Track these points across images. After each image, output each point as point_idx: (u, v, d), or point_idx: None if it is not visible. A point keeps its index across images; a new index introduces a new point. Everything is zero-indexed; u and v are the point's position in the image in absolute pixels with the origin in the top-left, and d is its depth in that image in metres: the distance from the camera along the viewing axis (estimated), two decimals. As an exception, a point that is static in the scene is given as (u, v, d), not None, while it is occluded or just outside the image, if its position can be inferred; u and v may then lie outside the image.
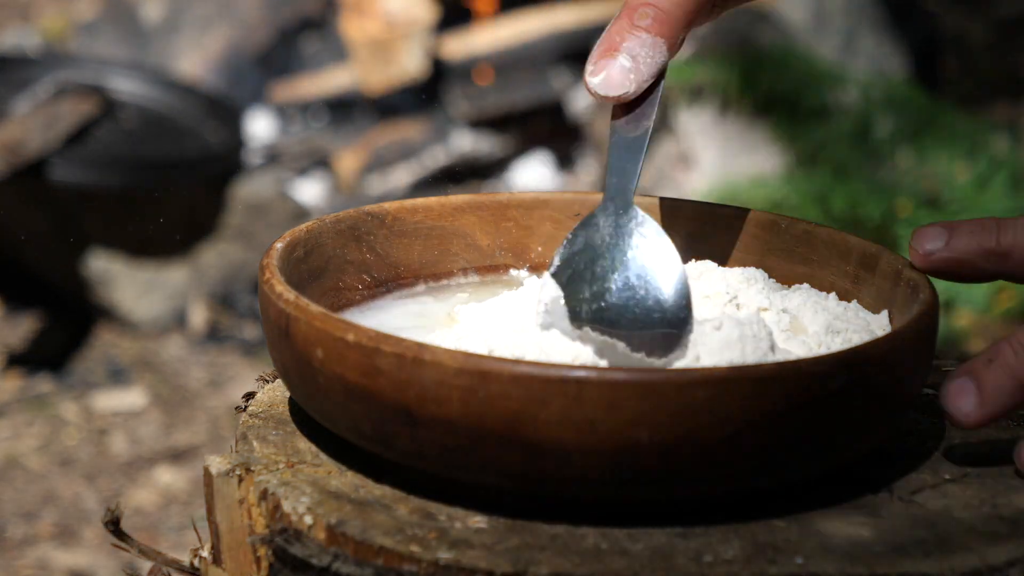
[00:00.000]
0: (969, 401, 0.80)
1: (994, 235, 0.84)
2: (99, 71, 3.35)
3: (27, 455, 2.71)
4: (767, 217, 0.95)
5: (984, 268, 0.84)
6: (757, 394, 0.73)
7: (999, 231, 0.84)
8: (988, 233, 0.84)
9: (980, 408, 0.80)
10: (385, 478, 0.79)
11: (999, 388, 0.80)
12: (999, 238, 0.84)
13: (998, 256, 0.84)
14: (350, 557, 0.73)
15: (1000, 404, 0.80)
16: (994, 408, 0.80)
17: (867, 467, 0.81)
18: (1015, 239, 0.84)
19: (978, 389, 0.80)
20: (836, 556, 0.73)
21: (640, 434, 0.72)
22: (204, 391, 2.93)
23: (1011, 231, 0.84)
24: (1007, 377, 0.80)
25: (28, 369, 2.97)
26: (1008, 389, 0.80)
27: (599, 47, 0.86)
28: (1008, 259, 0.84)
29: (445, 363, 0.73)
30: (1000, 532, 0.76)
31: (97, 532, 2.46)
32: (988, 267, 0.84)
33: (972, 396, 0.80)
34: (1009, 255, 0.84)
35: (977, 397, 0.80)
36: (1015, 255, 0.84)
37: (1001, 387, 0.80)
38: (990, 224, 0.84)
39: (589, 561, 0.72)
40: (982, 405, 0.80)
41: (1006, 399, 0.80)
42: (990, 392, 0.80)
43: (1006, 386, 0.80)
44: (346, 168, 3.56)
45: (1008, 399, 0.80)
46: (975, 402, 0.80)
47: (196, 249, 3.18)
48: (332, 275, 0.90)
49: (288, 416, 0.85)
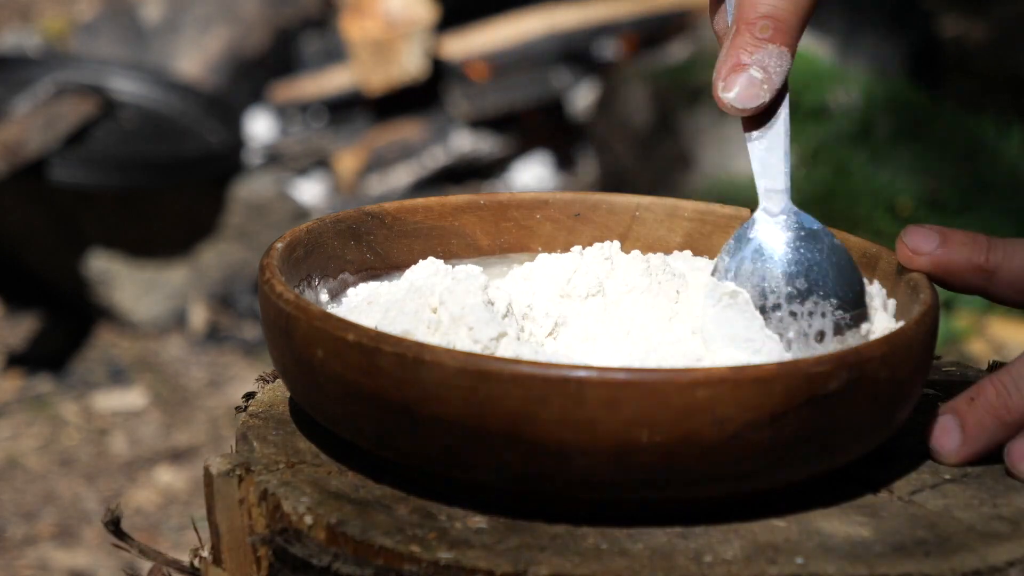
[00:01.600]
0: (953, 440, 0.82)
1: (984, 251, 0.85)
2: (99, 71, 3.35)
3: (27, 455, 2.71)
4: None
5: (968, 281, 0.86)
6: (757, 394, 0.73)
7: (989, 249, 0.85)
8: (979, 248, 0.85)
9: (963, 447, 0.82)
10: (385, 478, 0.79)
11: (981, 427, 0.82)
12: (988, 255, 0.85)
13: (984, 273, 0.85)
14: (350, 557, 0.73)
15: (982, 443, 0.82)
16: (976, 447, 0.82)
17: (867, 467, 0.81)
18: (1003, 260, 0.85)
19: (961, 428, 0.82)
20: (836, 556, 0.73)
21: (640, 434, 0.72)
22: (204, 391, 2.93)
23: (1000, 251, 0.85)
24: (989, 417, 0.82)
25: (28, 369, 2.97)
26: (990, 428, 0.82)
27: (725, 63, 0.86)
28: (992, 278, 0.85)
29: (445, 363, 0.73)
30: (1000, 532, 0.76)
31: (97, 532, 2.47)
32: (972, 281, 0.86)
33: (955, 435, 0.82)
34: (994, 275, 0.85)
35: (960, 436, 0.82)
36: (999, 276, 0.85)
37: (983, 427, 0.82)
38: (981, 240, 0.86)
39: (589, 561, 0.72)
40: (965, 444, 0.82)
41: (988, 438, 0.82)
42: (972, 431, 0.82)
43: (988, 425, 0.82)
44: (346, 168, 3.56)
45: (990, 438, 0.82)
46: (958, 441, 0.82)
47: (196, 249, 3.18)
48: (332, 275, 0.90)
49: (288, 416, 0.85)
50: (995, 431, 0.82)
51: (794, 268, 0.85)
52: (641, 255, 0.90)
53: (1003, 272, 0.85)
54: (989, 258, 0.85)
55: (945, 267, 0.85)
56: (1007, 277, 0.85)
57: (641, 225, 0.96)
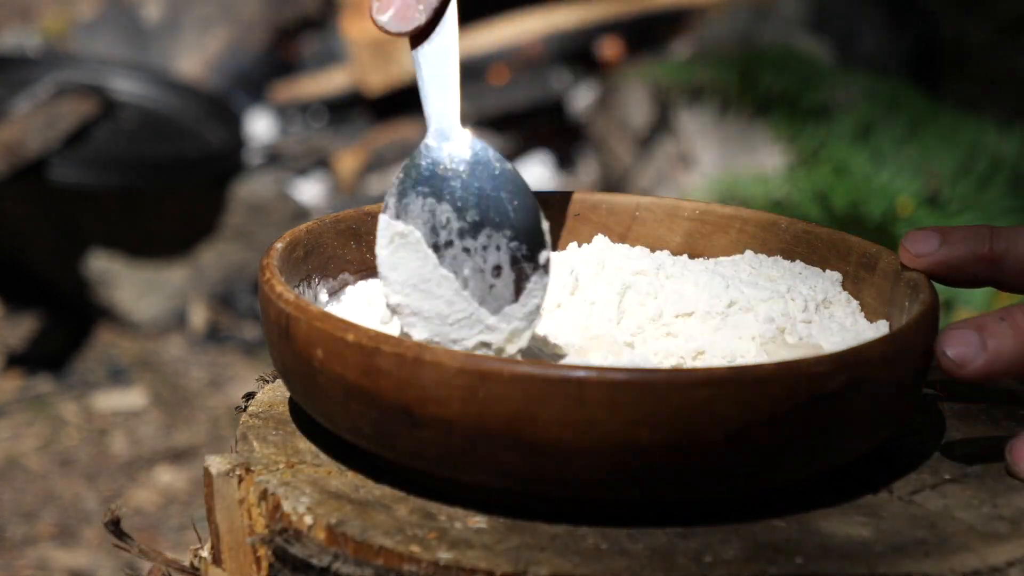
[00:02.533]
0: (974, 351, 0.78)
1: (987, 242, 0.84)
2: (99, 71, 3.35)
3: (27, 455, 2.71)
4: (767, 217, 0.95)
5: (975, 274, 0.85)
6: (757, 394, 0.73)
7: (992, 238, 0.84)
8: (981, 239, 0.84)
9: (983, 362, 0.78)
10: (385, 478, 0.79)
11: (1004, 345, 0.78)
12: (992, 245, 0.84)
13: (990, 263, 0.84)
14: (350, 557, 0.73)
15: (1001, 363, 0.78)
16: (995, 366, 0.78)
17: (867, 467, 0.81)
18: (1008, 247, 0.84)
19: (982, 340, 0.79)
20: (836, 556, 0.73)
21: (640, 434, 0.72)
22: (204, 391, 2.93)
23: (1004, 239, 0.84)
24: (1014, 338, 0.79)
25: (28, 369, 2.97)
26: (1011, 350, 0.78)
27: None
28: (1000, 266, 0.84)
29: (445, 363, 0.73)
30: (1000, 532, 0.76)
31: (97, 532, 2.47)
32: (980, 273, 0.85)
33: (975, 346, 0.78)
34: (1001, 262, 0.84)
35: (980, 348, 0.78)
36: (1007, 263, 0.84)
37: (1005, 347, 0.78)
38: (984, 231, 0.84)
39: (589, 561, 0.72)
40: (985, 359, 0.78)
41: (1007, 360, 0.79)
42: (994, 348, 0.78)
43: (1010, 348, 0.78)
44: (346, 168, 3.56)
45: (1009, 359, 0.78)
46: (979, 354, 0.78)
47: (196, 249, 3.18)
48: (332, 275, 0.90)
49: (288, 416, 0.85)
50: (1016, 356, 0.78)
51: (464, 200, 0.81)
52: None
53: (1010, 259, 0.84)
54: (994, 247, 0.84)
55: (950, 265, 0.84)
56: (1015, 264, 0.84)
57: (641, 225, 0.96)
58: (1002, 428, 0.86)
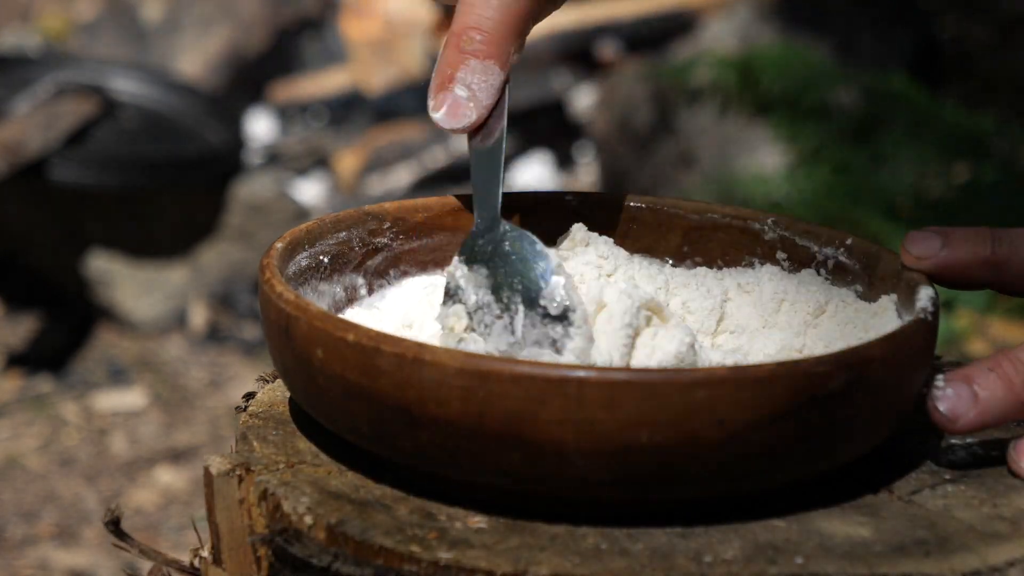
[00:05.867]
0: (966, 406, 0.79)
1: (989, 244, 0.84)
2: (99, 71, 3.35)
3: (27, 455, 2.71)
4: (766, 216, 0.95)
5: (977, 277, 0.84)
6: (757, 394, 0.73)
7: (994, 241, 0.84)
8: (983, 242, 0.84)
9: (976, 416, 0.79)
10: (385, 478, 0.79)
11: (995, 396, 0.80)
12: (994, 247, 0.84)
13: (992, 265, 0.84)
14: (350, 557, 0.73)
15: (994, 415, 0.80)
16: (987, 418, 0.80)
17: (867, 467, 0.81)
18: (1010, 250, 0.84)
19: (973, 394, 0.79)
20: (836, 556, 0.73)
21: (640, 434, 0.72)
22: (204, 391, 2.93)
23: (1006, 241, 0.84)
24: (1003, 389, 0.80)
25: (28, 369, 2.97)
26: (1002, 400, 0.80)
27: (435, 80, 0.84)
28: (1001, 269, 0.84)
29: (445, 363, 0.73)
30: (1000, 532, 0.76)
31: (97, 532, 2.47)
32: (981, 276, 0.84)
33: (966, 399, 0.79)
34: (1003, 266, 0.84)
35: (972, 401, 0.79)
36: (1009, 267, 0.84)
37: (997, 398, 0.80)
38: (985, 233, 0.84)
39: (589, 561, 0.72)
40: (975, 407, 0.79)
41: (1000, 410, 0.80)
42: (985, 398, 0.79)
43: (1001, 398, 0.80)
44: (346, 168, 3.56)
45: (1000, 410, 0.80)
46: (968, 405, 0.79)
47: (196, 249, 3.18)
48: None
49: (288, 416, 0.85)
50: (1007, 406, 0.79)
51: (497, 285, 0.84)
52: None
53: (1012, 263, 0.84)
54: (995, 250, 0.84)
55: (951, 267, 0.84)
56: (1017, 268, 0.84)
57: (641, 225, 0.96)
58: (1002, 428, 0.86)
